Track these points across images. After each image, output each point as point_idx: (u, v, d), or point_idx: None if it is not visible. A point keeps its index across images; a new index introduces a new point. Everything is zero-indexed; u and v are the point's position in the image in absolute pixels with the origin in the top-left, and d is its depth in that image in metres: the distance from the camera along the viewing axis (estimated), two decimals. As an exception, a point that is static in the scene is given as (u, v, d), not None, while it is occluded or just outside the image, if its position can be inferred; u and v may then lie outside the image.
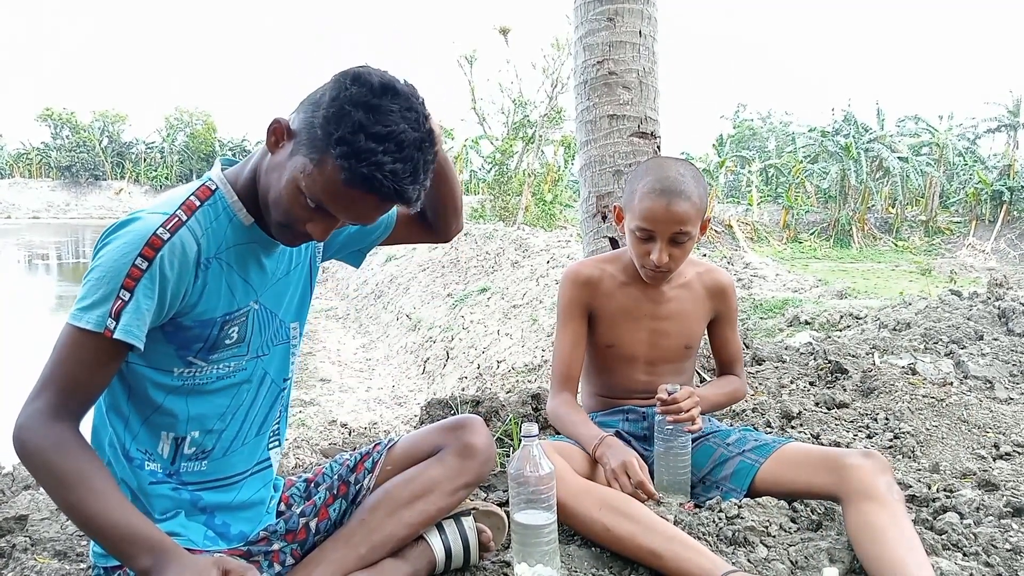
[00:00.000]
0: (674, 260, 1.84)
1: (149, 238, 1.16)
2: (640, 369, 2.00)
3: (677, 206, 1.78)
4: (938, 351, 3.73)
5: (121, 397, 1.29)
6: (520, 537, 1.48)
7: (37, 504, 2.14)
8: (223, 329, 1.29)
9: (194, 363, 1.28)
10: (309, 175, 1.16)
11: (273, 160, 1.22)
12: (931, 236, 28.87)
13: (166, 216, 1.20)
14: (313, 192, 1.16)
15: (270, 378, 1.41)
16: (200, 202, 1.26)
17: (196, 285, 1.24)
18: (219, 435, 1.35)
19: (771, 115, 47.10)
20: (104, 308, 1.14)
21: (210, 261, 1.25)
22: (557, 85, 22.08)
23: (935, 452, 2.41)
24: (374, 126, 1.11)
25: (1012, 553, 1.63)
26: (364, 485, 1.51)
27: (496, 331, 10.34)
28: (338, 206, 1.18)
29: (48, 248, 33.64)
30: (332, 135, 1.12)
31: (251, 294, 1.32)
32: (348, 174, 1.12)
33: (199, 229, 1.23)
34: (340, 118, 1.12)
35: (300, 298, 1.46)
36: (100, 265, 1.16)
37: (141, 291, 1.16)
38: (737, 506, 1.73)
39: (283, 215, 1.22)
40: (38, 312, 15.07)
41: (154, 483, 1.30)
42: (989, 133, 32.79)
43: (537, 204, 23.88)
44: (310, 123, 1.16)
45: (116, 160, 65.33)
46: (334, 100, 1.13)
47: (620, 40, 2.85)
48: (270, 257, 1.35)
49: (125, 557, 1.12)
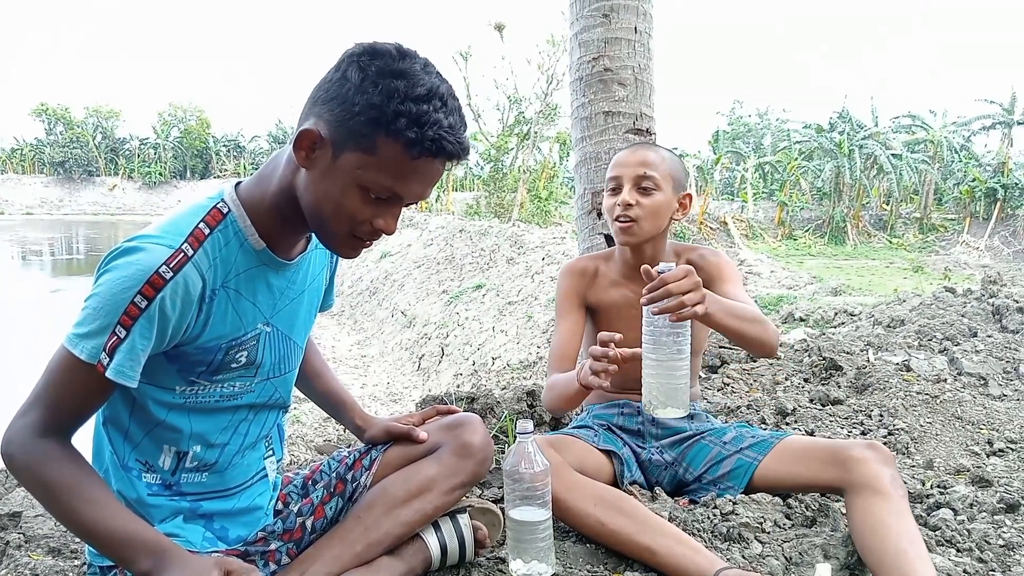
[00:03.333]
0: (642, 208, 1.85)
1: (151, 276, 1.10)
2: (639, 366, 1.99)
3: (640, 151, 1.91)
4: (932, 348, 3.75)
5: (122, 410, 1.26)
6: (515, 533, 1.48)
7: (31, 501, 2.13)
8: (227, 354, 1.25)
9: (197, 382, 1.25)
10: (369, 166, 1.09)
11: (314, 173, 1.14)
12: (925, 233, 28.98)
13: (171, 251, 1.12)
14: (378, 181, 1.10)
15: (279, 397, 1.40)
16: (210, 229, 1.19)
17: (200, 319, 1.19)
18: (222, 449, 1.33)
19: (768, 111, 47.18)
20: (99, 340, 1.10)
21: (216, 292, 1.19)
22: (552, 81, 22.03)
23: (929, 448, 2.42)
24: (415, 88, 1.06)
25: (1005, 549, 1.64)
26: (361, 483, 1.50)
27: (491, 328, 10.34)
28: (408, 184, 1.12)
29: (42, 244, 33.52)
30: (384, 113, 1.05)
31: (259, 316, 1.28)
32: (413, 144, 1.07)
33: (206, 262, 1.17)
34: (382, 94, 1.05)
35: (309, 318, 1.43)
36: (99, 294, 1.11)
37: (138, 331, 1.11)
38: (732, 502, 1.73)
39: (348, 223, 1.15)
40: (32, 309, 15.02)
41: (152, 494, 1.29)
42: (984, 131, 32.86)
43: (532, 201, 23.87)
44: (346, 115, 1.08)
45: (110, 156, 65.14)
46: (365, 80, 1.07)
47: (615, 36, 2.84)
48: (278, 276, 1.30)
49: (125, 561, 1.11)
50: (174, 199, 61.67)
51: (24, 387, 1.18)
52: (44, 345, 1.19)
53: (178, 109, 65.14)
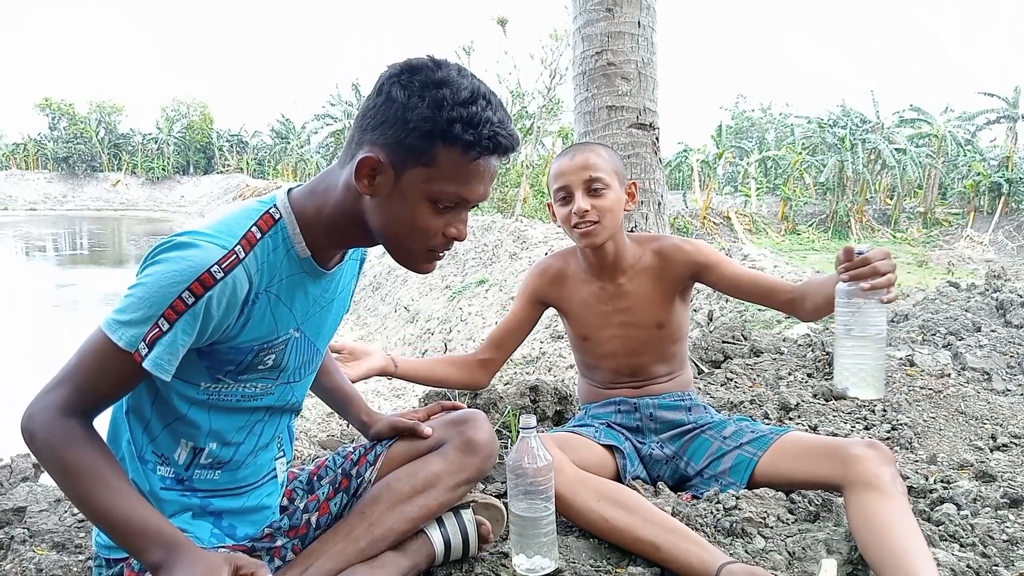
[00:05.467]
0: (599, 211, 1.87)
1: (202, 274, 1.10)
2: (620, 358, 2.03)
3: (580, 155, 1.90)
4: (936, 343, 3.74)
5: (146, 401, 1.27)
6: (519, 528, 1.49)
7: (35, 496, 2.14)
8: (258, 355, 1.26)
9: (222, 381, 1.26)
10: (433, 179, 1.13)
11: (378, 197, 1.16)
12: (929, 228, 28.88)
13: (224, 252, 1.13)
14: (445, 189, 1.14)
15: (295, 400, 1.40)
16: (262, 233, 1.20)
17: (240, 320, 1.20)
18: (237, 448, 1.34)
19: (771, 106, 47.08)
20: (140, 330, 1.10)
21: (259, 296, 1.21)
22: (555, 76, 21.99)
23: (932, 443, 2.42)
24: (460, 93, 1.10)
25: (1009, 544, 1.64)
26: (366, 478, 1.51)
27: (494, 323, 10.34)
28: (472, 186, 1.16)
29: (46, 240, 33.59)
30: (437, 123, 1.09)
31: (292, 322, 1.29)
32: (472, 146, 1.11)
33: (255, 265, 1.18)
34: (431, 106, 1.09)
35: (334, 326, 1.44)
36: (147, 284, 1.10)
37: (181, 326, 1.11)
38: (735, 497, 1.73)
39: (423, 238, 1.19)
40: (38, 303, 15.06)
41: (164, 488, 1.29)
42: (988, 125, 32.75)
43: (535, 196, 23.85)
44: (400, 135, 1.11)
45: (113, 151, 65.23)
46: (411, 96, 1.10)
47: (619, 30, 2.83)
48: (315, 284, 1.31)
49: (136, 551, 1.11)
50: (177, 195, 61.73)
51: (30, 379, 1.18)
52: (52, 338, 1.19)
53: (181, 104, 65.17)
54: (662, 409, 2.00)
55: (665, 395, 2.02)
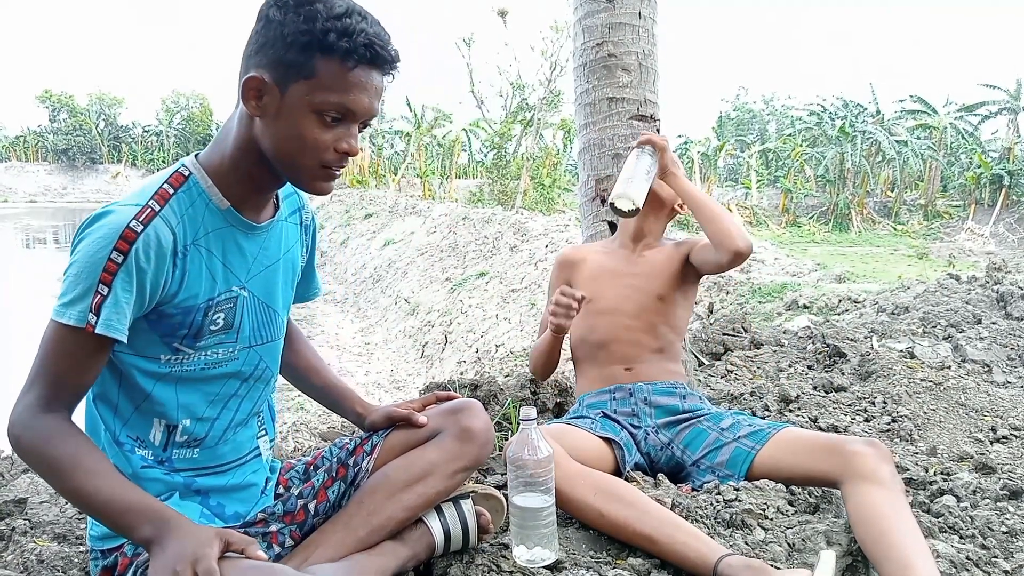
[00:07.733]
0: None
1: (123, 231, 1.15)
2: (620, 324, 2.09)
3: None
4: (936, 335, 3.74)
5: (111, 385, 1.29)
6: (518, 520, 1.49)
7: (36, 487, 2.15)
8: (207, 315, 1.28)
9: (181, 350, 1.28)
10: (315, 90, 1.16)
11: (268, 118, 1.20)
12: (930, 220, 28.80)
13: (138, 207, 1.19)
14: (328, 99, 1.17)
15: (264, 366, 1.41)
16: (174, 189, 1.24)
17: (175, 274, 1.23)
18: (211, 424, 1.35)
19: (773, 98, 46.95)
20: (84, 303, 1.14)
21: (187, 248, 1.24)
22: (556, 68, 21.93)
23: (933, 435, 2.42)
24: (334, 8, 1.14)
25: (1008, 535, 1.64)
26: (363, 468, 1.51)
27: (494, 315, 10.36)
28: (353, 96, 1.18)
29: (46, 232, 33.58)
30: (313, 35, 1.13)
31: (232, 279, 1.31)
32: (349, 54, 1.14)
33: (174, 218, 1.22)
34: (306, 20, 1.13)
35: (287, 290, 1.46)
36: (77, 261, 1.16)
37: (119, 284, 1.15)
38: (735, 489, 1.73)
39: (312, 154, 1.21)
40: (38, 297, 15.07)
41: (146, 467, 1.30)
42: (991, 116, 32.64)
43: (536, 188, 23.82)
44: (280, 51, 1.15)
45: (113, 143, 65.11)
46: (287, 14, 1.14)
47: (619, 22, 2.82)
48: (248, 239, 1.33)
49: (126, 529, 1.12)
50: (177, 187, 61.33)
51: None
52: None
53: (181, 96, 65.03)
54: (656, 394, 2.01)
55: (659, 382, 2.03)
